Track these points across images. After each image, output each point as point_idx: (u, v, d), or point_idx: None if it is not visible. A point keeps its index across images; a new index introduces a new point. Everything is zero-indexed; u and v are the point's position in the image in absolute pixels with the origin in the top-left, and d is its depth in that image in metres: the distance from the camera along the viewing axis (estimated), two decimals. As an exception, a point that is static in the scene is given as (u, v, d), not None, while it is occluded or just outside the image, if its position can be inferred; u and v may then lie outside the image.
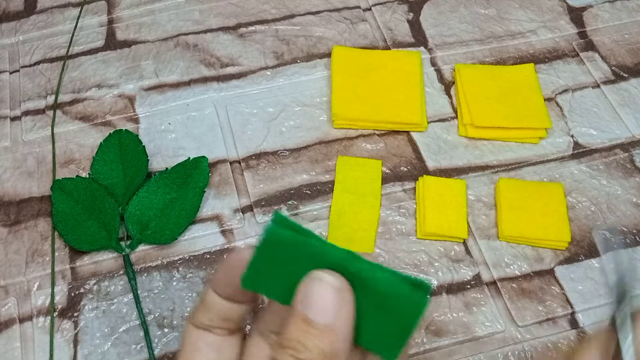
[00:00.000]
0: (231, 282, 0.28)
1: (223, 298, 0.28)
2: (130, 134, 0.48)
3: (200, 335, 0.29)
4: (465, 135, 0.50)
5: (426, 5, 0.59)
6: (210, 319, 0.29)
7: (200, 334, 0.29)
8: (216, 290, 0.28)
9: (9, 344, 0.41)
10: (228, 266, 0.28)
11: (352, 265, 0.25)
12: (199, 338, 0.29)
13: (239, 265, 0.28)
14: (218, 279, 0.29)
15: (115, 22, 0.57)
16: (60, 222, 0.45)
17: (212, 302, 0.28)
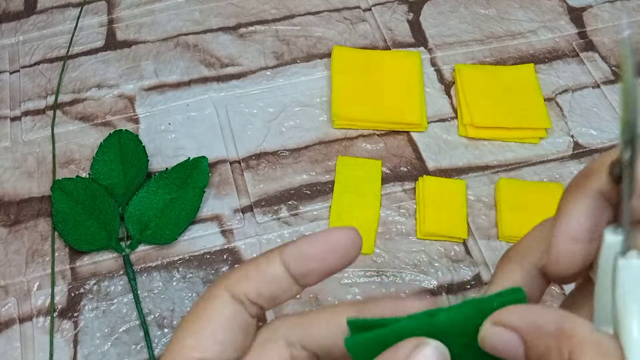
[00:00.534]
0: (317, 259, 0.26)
1: (291, 274, 0.26)
2: (130, 134, 0.48)
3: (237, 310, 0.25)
4: (465, 135, 0.50)
5: (426, 6, 0.59)
6: (259, 292, 0.25)
7: (236, 308, 0.25)
8: (289, 262, 0.26)
9: (9, 344, 0.41)
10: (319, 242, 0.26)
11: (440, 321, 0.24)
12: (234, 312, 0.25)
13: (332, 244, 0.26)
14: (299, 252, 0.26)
15: (115, 22, 0.57)
16: (60, 222, 0.45)
17: (274, 275, 0.26)
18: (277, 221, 0.46)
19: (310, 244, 0.26)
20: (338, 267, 0.26)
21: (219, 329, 0.25)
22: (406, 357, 0.23)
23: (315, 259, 0.26)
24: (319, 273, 0.26)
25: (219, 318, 0.25)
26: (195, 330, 0.25)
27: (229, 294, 0.25)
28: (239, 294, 0.25)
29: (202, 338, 0.25)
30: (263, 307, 0.26)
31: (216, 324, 0.25)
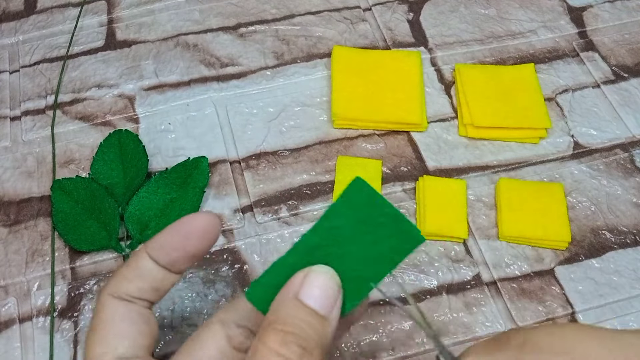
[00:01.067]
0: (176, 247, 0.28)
1: (159, 265, 0.28)
2: (130, 134, 0.48)
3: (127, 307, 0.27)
4: (465, 135, 0.50)
5: (426, 5, 0.59)
6: (139, 288, 0.28)
7: (126, 306, 0.27)
8: (154, 255, 0.28)
9: (9, 344, 0.41)
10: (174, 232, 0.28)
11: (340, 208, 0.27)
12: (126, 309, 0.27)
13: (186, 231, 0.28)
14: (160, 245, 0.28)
15: (115, 22, 0.57)
16: (60, 222, 0.45)
17: (147, 269, 0.28)
18: (277, 221, 0.46)
19: (168, 235, 0.28)
20: (200, 251, 0.29)
21: (117, 325, 0.27)
22: (298, 291, 0.26)
23: (175, 248, 0.28)
24: (183, 259, 0.28)
25: (113, 318, 0.27)
26: (100, 338, 0.27)
27: (115, 298, 0.28)
28: (122, 295, 0.28)
29: (108, 341, 0.27)
30: (150, 301, 0.29)
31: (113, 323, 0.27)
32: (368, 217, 0.27)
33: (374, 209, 0.27)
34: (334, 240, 0.27)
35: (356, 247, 0.27)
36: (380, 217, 0.27)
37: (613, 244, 0.45)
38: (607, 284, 0.43)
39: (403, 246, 0.27)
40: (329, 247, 0.27)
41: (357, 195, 0.27)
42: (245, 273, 0.44)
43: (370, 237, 0.27)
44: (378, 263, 0.27)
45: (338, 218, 0.27)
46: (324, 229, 0.27)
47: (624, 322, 0.42)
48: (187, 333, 0.41)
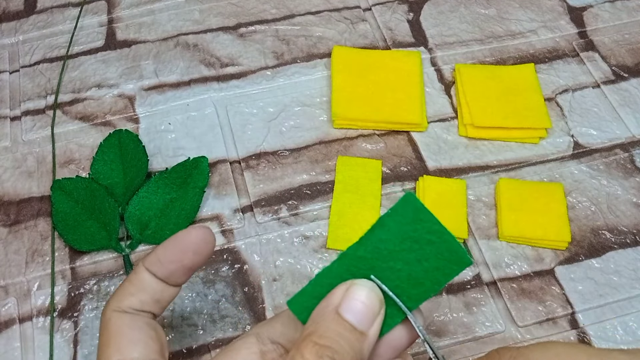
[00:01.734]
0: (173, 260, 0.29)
1: (158, 278, 0.29)
2: (130, 134, 0.48)
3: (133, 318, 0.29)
4: (466, 135, 0.50)
5: (426, 5, 0.59)
6: (142, 301, 0.29)
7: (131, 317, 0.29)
8: (153, 269, 0.29)
9: (9, 344, 0.41)
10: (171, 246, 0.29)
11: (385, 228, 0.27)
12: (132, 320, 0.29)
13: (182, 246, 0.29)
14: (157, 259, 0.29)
15: (115, 22, 0.57)
16: (60, 222, 0.45)
17: (147, 283, 0.29)
18: (277, 221, 0.46)
19: (164, 249, 0.29)
20: (195, 264, 0.30)
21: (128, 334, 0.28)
22: (338, 304, 0.26)
23: (171, 261, 0.29)
24: (180, 272, 0.30)
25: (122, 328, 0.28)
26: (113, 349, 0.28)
27: (119, 312, 0.29)
28: (125, 309, 0.29)
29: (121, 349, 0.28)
30: (153, 313, 0.30)
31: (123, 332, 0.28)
32: (416, 234, 0.26)
33: (422, 225, 0.26)
34: (379, 254, 0.27)
35: (401, 264, 0.27)
36: (428, 235, 0.26)
37: (613, 244, 0.45)
38: (607, 284, 0.43)
39: (449, 267, 0.26)
40: (374, 261, 0.27)
41: (406, 210, 0.26)
42: (245, 273, 0.44)
43: (416, 255, 0.26)
44: (421, 282, 0.27)
45: (385, 231, 0.27)
46: (371, 241, 0.27)
47: (624, 322, 0.42)
48: (187, 333, 0.41)
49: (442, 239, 0.26)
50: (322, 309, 0.26)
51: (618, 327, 0.42)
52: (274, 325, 0.29)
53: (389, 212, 0.27)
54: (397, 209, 0.26)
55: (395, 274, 0.27)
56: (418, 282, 0.27)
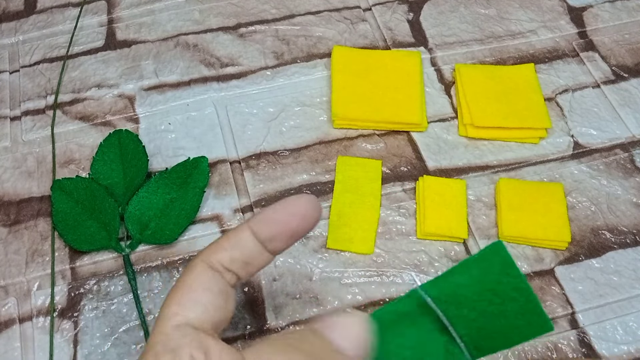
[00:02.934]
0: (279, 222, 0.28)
1: (258, 240, 0.28)
2: (130, 134, 0.48)
3: (214, 277, 0.28)
4: (465, 135, 0.50)
5: (426, 5, 0.59)
6: (232, 259, 0.28)
7: (213, 275, 0.28)
8: (256, 228, 0.28)
9: (9, 344, 0.41)
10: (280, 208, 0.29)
11: None
12: (212, 279, 0.28)
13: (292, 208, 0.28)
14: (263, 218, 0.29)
15: (115, 22, 0.57)
16: (60, 222, 0.45)
17: (244, 241, 0.28)
18: (277, 221, 0.46)
19: (273, 210, 0.29)
20: (300, 231, 0.29)
21: (197, 291, 0.27)
22: None
23: (278, 223, 0.28)
24: (283, 236, 0.29)
25: (196, 284, 0.28)
26: (177, 299, 0.27)
27: (205, 264, 0.28)
28: (214, 263, 0.28)
29: (184, 303, 0.27)
30: (239, 275, 0.29)
31: (194, 288, 0.27)
32: (499, 287, 0.24)
33: (508, 280, 0.24)
34: (455, 298, 0.25)
35: (476, 314, 0.25)
36: (512, 292, 0.24)
37: (613, 244, 0.45)
38: (607, 284, 0.43)
39: (528, 329, 0.25)
40: (447, 304, 0.25)
41: (494, 260, 0.25)
42: (245, 273, 0.44)
43: (495, 309, 0.25)
44: (494, 337, 0.25)
45: (467, 278, 0.25)
46: (448, 283, 0.25)
47: (624, 322, 0.42)
48: (187, 333, 0.41)
49: (527, 299, 0.24)
50: None
51: (618, 327, 0.42)
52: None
53: (476, 257, 0.25)
54: (484, 257, 0.25)
55: (467, 322, 0.25)
56: (490, 336, 0.25)
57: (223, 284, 0.28)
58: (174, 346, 0.25)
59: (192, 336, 0.26)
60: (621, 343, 0.41)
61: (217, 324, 0.27)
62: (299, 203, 0.29)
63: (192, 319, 0.26)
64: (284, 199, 0.29)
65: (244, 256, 0.29)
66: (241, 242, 0.29)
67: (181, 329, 0.26)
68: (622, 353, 0.41)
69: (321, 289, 0.43)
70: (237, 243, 0.29)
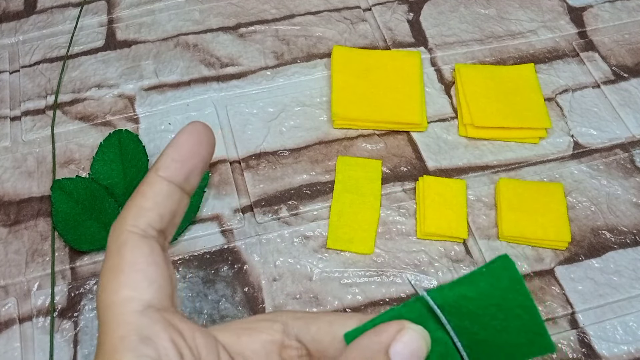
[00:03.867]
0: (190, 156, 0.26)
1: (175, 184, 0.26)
2: (130, 134, 0.48)
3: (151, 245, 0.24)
4: (465, 135, 0.50)
5: (426, 5, 0.59)
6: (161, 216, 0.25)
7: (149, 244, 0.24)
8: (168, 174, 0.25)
9: (9, 344, 0.41)
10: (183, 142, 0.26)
11: None
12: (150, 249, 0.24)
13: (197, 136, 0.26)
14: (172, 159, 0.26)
15: (115, 22, 0.57)
16: (60, 222, 0.45)
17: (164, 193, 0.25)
18: (277, 221, 0.46)
19: (176, 147, 0.26)
20: (209, 155, 0.27)
21: (145, 269, 0.24)
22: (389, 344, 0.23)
23: (190, 157, 0.26)
24: (198, 170, 0.26)
25: (139, 259, 0.24)
26: (124, 281, 0.24)
27: (136, 234, 0.24)
28: (145, 228, 0.25)
29: (134, 284, 0.24)
30: (167, 233, 0.26)
31: (139, 265, 0.24)
32: (505, 303, 0.24)
33: (515, 296, 0.24)
34: (457, 310, 0.25)
35: (478, 327, 0.25)
36: (518, 308, 0.24)
37: (613, 244, 0.45)
38: (607, 284, 0.43)
39: (529, 348, 0.24)
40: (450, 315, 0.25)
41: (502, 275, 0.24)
42: (245, 273, 0.44)
43: (499, 324, 0.24)
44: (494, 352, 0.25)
45: (473, 290, 0.24)
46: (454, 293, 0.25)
47: (624, 322, 0.42)
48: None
49: (531, 318, 0.24)
50: (370, 342, 0.24)
51: (618, 327, 0.42)
52: (308, 327, 0.26)
53: (483, 270, 0.24)
54: (493, 271, 0.24)
55: (469, 334, 0.25)
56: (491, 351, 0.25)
57: (160, 250, 0.25)
58: (148, 334, 0.23)
59: (162, 320, 0.23)
60: (621, 343, 0.41)
61: (172, 296, 0.25)
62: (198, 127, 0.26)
63: (151, 300, 0.23)
64: (178, 133, 0.26)
65: (170, 209, 0.25)
66: (162, 194, 0.25)
67: (147, 314, 0.23)
68: (622, 353, 0.41)
69: (321, 289, 0.43)
70: (158, 198, 0.25)
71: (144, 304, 0.23)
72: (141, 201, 0.25)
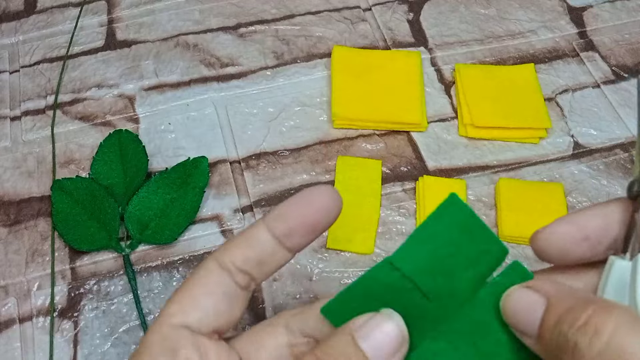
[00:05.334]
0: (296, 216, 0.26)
1: (274, 237, 0.26)
2: (130, 134, 0.48)
3: (222, 278, 0.26)
4: (465, 135, 0.50)
5: (426, 5, 0.59)
6: (246, 257, 0.26)
7: (222, 276, 0.26)
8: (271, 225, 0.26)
9: (9, 344, 0.41)
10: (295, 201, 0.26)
11: None
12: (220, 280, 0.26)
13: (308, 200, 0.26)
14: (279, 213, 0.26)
15: (115, 22, 0.57)
16: (60, 222, 0.45)
17: (258, 239, 0.26)
18: (277, 221, 0.46)
19: (289, 204, 0.26)
20: (319, 224, 0.26)
21: (201, 295, 0.26)
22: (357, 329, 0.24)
23: (294, 216, 0.26)
24: (301, 232, 0.26)
25: (200, 285, 0.26)
26: (179, 299, 0.26)
27: (216, 263, 0.26)
28: (226, 262, 0.26)
29: (183, 304, 0.25)
30: (253, 277, 0.27)
31: (199, 291, 0.26)
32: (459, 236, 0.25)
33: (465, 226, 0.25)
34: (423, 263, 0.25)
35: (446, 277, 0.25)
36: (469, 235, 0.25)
37: (613, 244, 0.45)
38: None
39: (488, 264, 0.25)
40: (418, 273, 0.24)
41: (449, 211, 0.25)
42: (245, 273, 0.44)
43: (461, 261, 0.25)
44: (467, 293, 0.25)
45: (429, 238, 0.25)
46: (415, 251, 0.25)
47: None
48: (187, 333, 0.41)
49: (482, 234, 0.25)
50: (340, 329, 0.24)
51: (618, 327, 0.42)
52: (306, 318, 0.27)
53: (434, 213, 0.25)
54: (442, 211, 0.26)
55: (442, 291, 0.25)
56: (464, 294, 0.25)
57: (231, 286, 0.26)
58: (171, 347, 0.24)
59: (190, 339, 0.25)
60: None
61: (218, 328, 0.26)
62: (317, 194, 0.26)
63: (190, 323, 0.25)
64: (301, 191, 0.27)
65: (258, 255, 0.26)
66: (256, 239, 0.26)
67: (178, 331, 0.25)
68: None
69: (321, 289, 0.43)
70: (251, 240, 0.26)
71: (181, 322, 0.25)
72: (237, 238, 0.27)
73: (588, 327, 0.20)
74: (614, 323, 0.19)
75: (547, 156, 0.49)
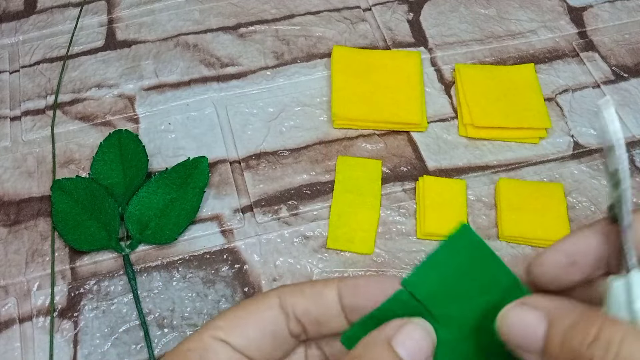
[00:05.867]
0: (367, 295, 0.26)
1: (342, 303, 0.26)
2: (130, 134, 0.48)
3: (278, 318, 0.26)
4: (465, 135, 0.50)
5: (426, 5, 0.59)
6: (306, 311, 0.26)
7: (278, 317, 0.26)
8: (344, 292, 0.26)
9: (9, 344, 0.41)
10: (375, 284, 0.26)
11: None
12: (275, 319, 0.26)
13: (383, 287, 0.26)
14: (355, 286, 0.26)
15: (115, 22, 0.57)
16: (60, 222, 0.45)
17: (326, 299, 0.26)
18: (277, 221, 0.46)
19: (366, 280, 0.26)
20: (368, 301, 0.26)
21: (251, 325, 0.26)
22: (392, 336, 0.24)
23: (366, 296, 0.26)
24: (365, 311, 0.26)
25: (256, 316, 0.26)
26: (230, 317, 0.26)
27: (278, 301, 0.26)
28: (287, 305, 0.26)
29: (233, 326, 0.26)
30: (306, 330, 0.27)
31: (251, 319, 0.26)
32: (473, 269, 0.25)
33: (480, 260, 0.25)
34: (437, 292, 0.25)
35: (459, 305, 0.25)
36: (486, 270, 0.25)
37: (613, 244, 0.45)
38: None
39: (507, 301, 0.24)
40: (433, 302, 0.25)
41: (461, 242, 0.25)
42: (245, 273, 0.44)
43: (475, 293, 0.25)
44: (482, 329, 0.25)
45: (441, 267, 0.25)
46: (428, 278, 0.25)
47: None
48: (187, 333, 0.41)
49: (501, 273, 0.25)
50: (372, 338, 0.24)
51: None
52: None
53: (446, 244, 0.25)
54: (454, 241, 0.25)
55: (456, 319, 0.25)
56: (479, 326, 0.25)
57: (283, 329, 0.26)
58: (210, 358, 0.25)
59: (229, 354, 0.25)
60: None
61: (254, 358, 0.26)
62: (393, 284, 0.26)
63: (232, 341, 0.25)
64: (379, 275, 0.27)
65: (319, 313, 0.26)
66: (324, 297, 0.26)
67: (220, 344, 0.25)
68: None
69: (321, 289, 0.43)
70: (319, 297, 0.26)
71: (222, 338, 0.25)
72: (307, 285, 0.27)
73: (600, 341, 0.20)
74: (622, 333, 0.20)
75: (547, 156, 0.49)
